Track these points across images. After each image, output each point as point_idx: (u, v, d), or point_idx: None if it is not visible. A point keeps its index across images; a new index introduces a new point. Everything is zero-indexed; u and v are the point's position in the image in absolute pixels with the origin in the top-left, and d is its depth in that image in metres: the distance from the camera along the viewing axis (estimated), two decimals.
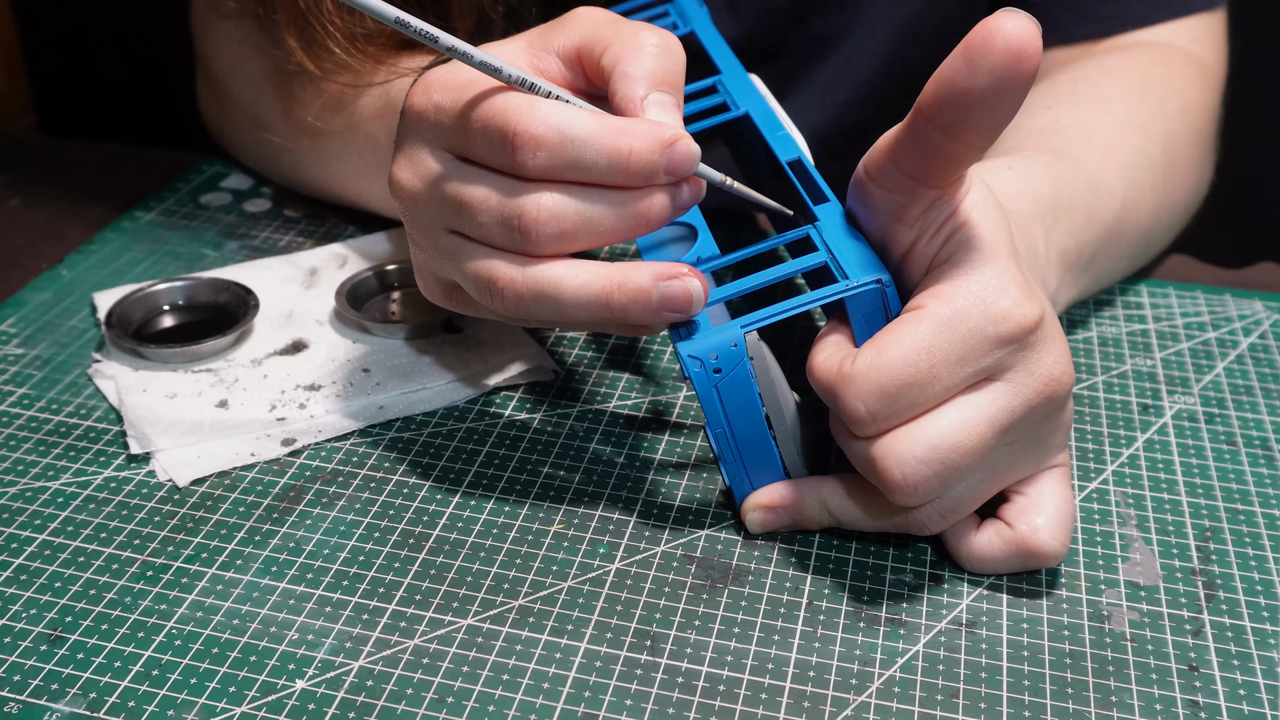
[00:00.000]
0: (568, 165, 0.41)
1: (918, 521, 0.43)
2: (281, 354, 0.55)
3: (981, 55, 0.36)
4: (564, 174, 0.41)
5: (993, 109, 0.37)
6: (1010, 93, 0.37)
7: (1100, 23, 0.66)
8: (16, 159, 0.74)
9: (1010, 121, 0.38)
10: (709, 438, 0.44)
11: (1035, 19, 0.37)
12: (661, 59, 0.42)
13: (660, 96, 0.42)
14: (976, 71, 0.37)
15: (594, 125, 0.40)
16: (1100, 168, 0.55)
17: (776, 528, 0.46)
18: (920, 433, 0.40)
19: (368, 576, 0.44)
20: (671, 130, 0.41)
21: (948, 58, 0.38)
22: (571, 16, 0.45)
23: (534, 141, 0.40)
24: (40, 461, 0.49)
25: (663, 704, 0.40)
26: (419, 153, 0.44)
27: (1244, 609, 0.44)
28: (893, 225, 0.42)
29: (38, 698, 0.39)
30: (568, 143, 0.40)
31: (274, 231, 0.66)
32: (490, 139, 0.41)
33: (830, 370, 0.41)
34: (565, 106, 0.41)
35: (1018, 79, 0.37)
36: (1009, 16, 0.36)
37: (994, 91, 0.37)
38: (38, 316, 0.59)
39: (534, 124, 0.40)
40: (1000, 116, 0.38)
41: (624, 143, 0.40)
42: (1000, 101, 0.37)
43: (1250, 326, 0.60)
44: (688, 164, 0.41)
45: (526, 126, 0.40)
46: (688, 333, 0.43)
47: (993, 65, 0.36)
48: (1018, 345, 0.40)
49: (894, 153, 0.40)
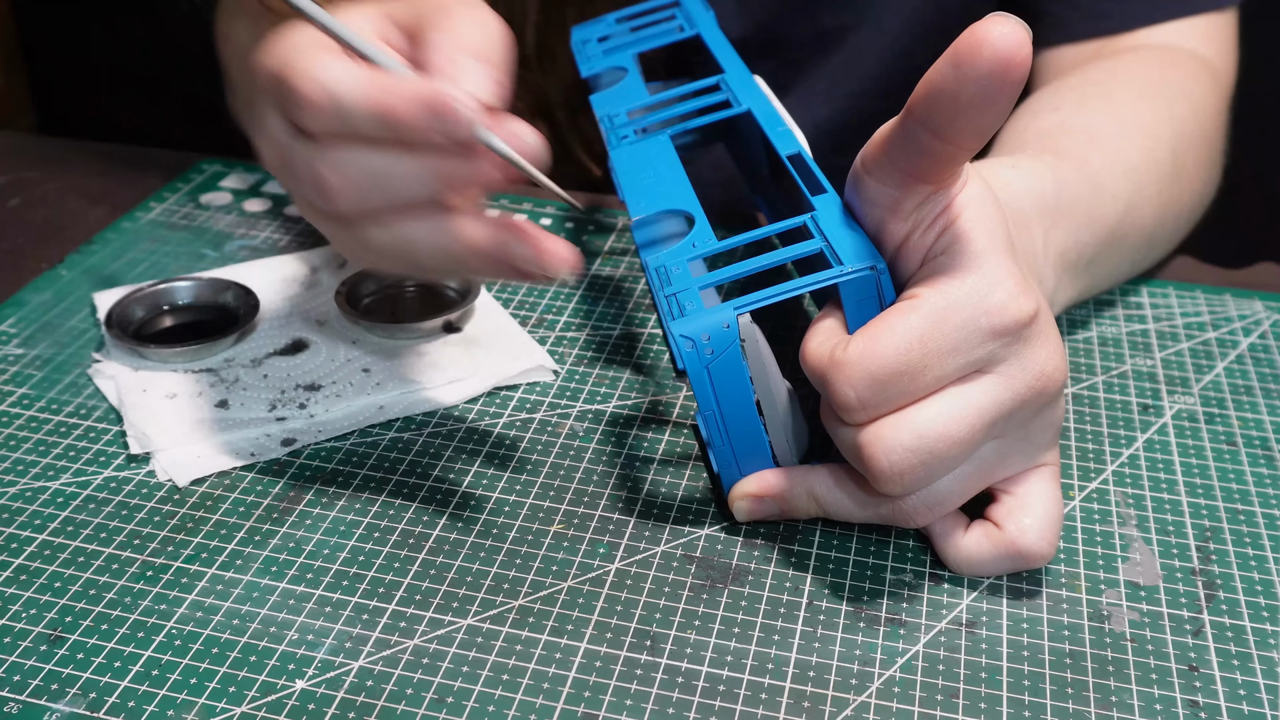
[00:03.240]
0: (343, 125, 0.40)
1: (904, 513, 0.43)
2: (281, 354, 0.55)
3: (969, 62, 0.36)
4: (346, 134, 0.40)
5: (980, 114, 0.37)
6: (998, 100, 0.37)
7: (1106, 21, 0.66)
8: (16, 159, 0.74)
9: (1000, 125, 0.38)
10: (699, 423, 0.44)
11: (1025, 23, 0.36)
12: (471, 30, 0.41)
13: (460, 59, 0.40)
14: (964, 78, 0.36)
15: (362, 85, 0.39)
16: (1104, 169, 0.55)
17: (764, 517, 0.46)
18: (908, 421, 0.40)
19: (368, 576, 0.44)
20: (438, 89, 0.39)
21: (936, 62, 0.37)
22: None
23: (306, 101, 0.39)
24: (40, 461, 0.49)
25: (663, 704, 0.40)
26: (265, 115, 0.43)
27: (1244, 609, 0.44)
28: (887, 218, 0.42)
29: (38, 698, 0.39)
30: (336, 103, 0.39)
31: (274, 231, 0.66)
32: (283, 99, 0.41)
33: (822, 356, 0.41)
34: (345, 66, 0.40)
35: (1005, 86, 0.36)
36: (998, 22, 0.36)
37: (981, 98, 0.37)
38: (38, 316, 0.59)
39: (306, 83, 0.39)
40: (988, 121, 0.38)
41: (387, 100, 0.39)
42: (988, 108, 0.37)
43: (1250, 326, 0.60)
44: (456, 125, 0.38)
45: (298, 85, 0.39)
46: (680, 313, 0.43)
47: (980, 73, 0.36)
48: (1011, 339, 0.40)
49: (888, 148, 0.40)
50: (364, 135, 0.40)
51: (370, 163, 0.40)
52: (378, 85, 0.39)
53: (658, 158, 0.50)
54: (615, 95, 0.55)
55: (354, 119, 0.39)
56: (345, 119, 0.39)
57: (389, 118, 0.39)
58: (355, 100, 0.39)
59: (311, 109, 0.40)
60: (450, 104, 0.38)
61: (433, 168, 0.40)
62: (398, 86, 0.39)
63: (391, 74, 0.40)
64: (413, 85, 0.39)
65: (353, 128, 0.40)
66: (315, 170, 0.41)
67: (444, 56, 0.41)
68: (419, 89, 0.39)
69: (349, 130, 0.40)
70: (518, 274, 0.41)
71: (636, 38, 0.60)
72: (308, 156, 0.41)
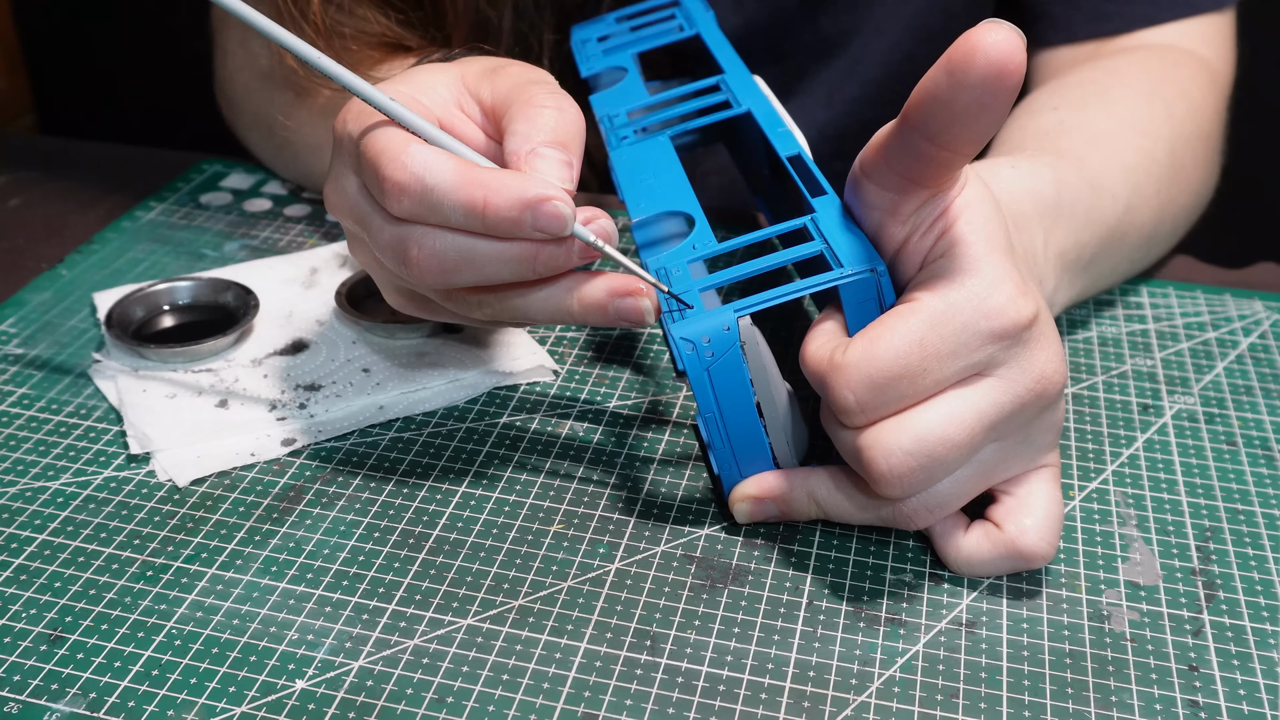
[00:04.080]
0: (430, 212, 0.41)
1: (904, 515, 0.43)
2: (281, 354, 0.55)
3: (963, 70, 0.36)
4: (430, 219, 0.42)
5: (975, 121, 0.37)
6: (993, 107, 0.37)
7: (1107, 22, 0.66)
8: (17, 159, 0.74)
9: (996, 131, 0.38)
10: (699, 425, 0.44)
11: (1019, 29, 0.36)
12: (554, 118, 0.43)
13: (545, 151, 0.42)
14: (958, 86, 0.36)
15: (454, 175, 0.41)
16: (1104, 169, 0.55)
17: (764, 518, 0.46)
18: (908, 424, 0.40)
19: (368, 576, 0.44)
20: (538, 188, 0.40)
21: (931, 69, 0.37)
22: (503, 69, 0.46)
23: (397, 188, 0.41)
24: (40, 461, 0.49)
25: (663, 704, 0.40)
26: (342, 174, 0.45)
27: (1244, 609, 0.44)
28: (886, 221, 0.42)
29: (38, 698, 0.39)
30: (428, 191, 0.41)
31: (274, 231, 0.66)
32: (368, 178, 0.43)
33: (821, 359, 0.41)
34: (436, 154, 0.41)
35: (1000, 93, 0.36)
36: (991, 29, 0.36)
37: (976, 105, 0.37)
38: (38, 316, 0.59)
39: (398, 170, 0.41)
40: (984, 128, 0.38)
41: (479, 195, 0.40)
42: (982, 115, 0.37)
43: (1250, 326, 0.60)
44: (557, 224, 0.40)
45: (391, 172, 0.41)
46: (681, 315, 0.43)
47: (974, 81, 0.36)
48: (1010, 341, 0.40)
49: (885, 153, 0.40)
50: (451, 224, 0.41)
51: (457, 243, 0.42)
52: (471, 179, 0.41)
53: (658, 159, 0.50)
54: (615, 95, 0.55)
55: (444, 209, 0.41)
56: (436, 207, 0.41)
57: (485, 213, 0.40)
58: (447, 190, 0.41)
59: (406, 195, 0.41)
60: (549, 204, 0.40)
61: (520, 254, 0.41)
62: (493, 182, 0.40)
63: (484, 169, 0.41)
64: (511, 183, 0.40)
65: (442, 218, 0.41)
66: (402, 244, 0.42)
67: (527, 145, 0.42)
68: (516, 185, 0.40)
69: (438, 217, 0.41)
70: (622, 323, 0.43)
71: (636, 37, 0.60)
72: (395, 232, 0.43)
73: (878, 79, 0.73)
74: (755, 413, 0.44)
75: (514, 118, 0.43)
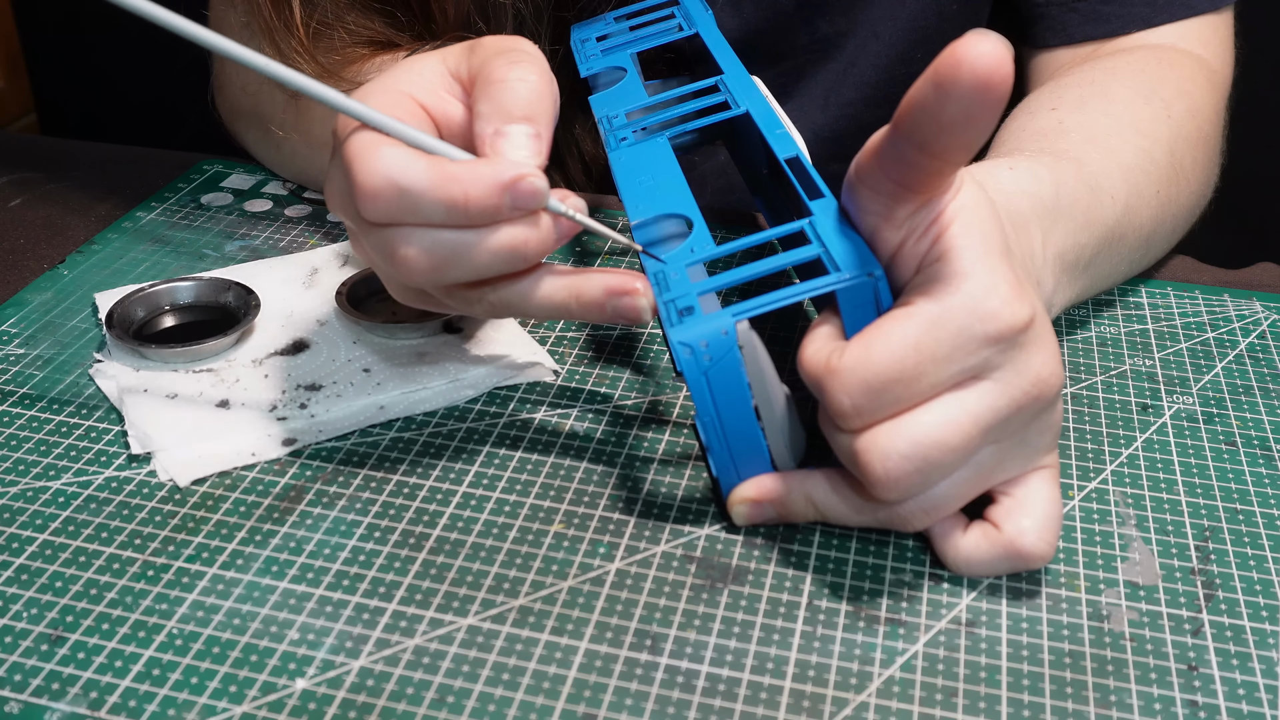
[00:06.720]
0: (408, 213, 0.42)
1: (901, 517, 0.43)
2: (282, 354, 0.55)
3: (949, 82, 0.36)
4: (411, 220, 0.42)
5: (962, 131, 0.37)
6: (979, 118, 0.37)
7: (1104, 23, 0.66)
8: (17, 159, 0.74)
9: (985, 140, 0.38)
10: (697, 428, 0.44)
11: (1006, 41, 0.36)
12: (513, 91, 0.43)
13: (508, 129, 0.42)
14: (945, 97, 0.36)
15: (429, 175, 0.41)
16: (1102, 170, 0.55)
17: (762, 521, 0.46)
18: (904, 428, 0.40)
19: (368, 576, 0.44)
20: (511, 169, 0.41)
21: (918, 80, 0.37)
22: (479, 45, 0.46)
23: (371, 194, 0.41)
24: (41, 461, 0.49)
25: (663, 704, 0.40)
26: (335, 175, 0.45)
27: (1243, 609, 0.44)
28: (881, 225, 0.42)
29: (38, 697, 0.40)
30: (404, 194, 0.41)
31: (274, 231, 0.66)
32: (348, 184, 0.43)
33: (818, 363, 0.41)
34: (408, 155, 0.41)
35: (987, 105, 0.36)
36: (977, 41, 0.36)
37: (963, 116, 0.37)
38: (39, 316, 0.59)
39: (370, 176, 0.41)
40: (971, 138, 0.38)
41: (458, 190, 0.41)
42: (969, 125, 0.37)
43: (1249, 327, 0.60)
44: (532, 200, 0.41)
45: (363, 179, 0.42)
46: (679, 319, 0.43)
47: (960, 92, 0.36)
48: (1006, 344, 0.40)
49: (878, 159, 0.40)
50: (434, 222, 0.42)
51: (442, 239, 0.42)
52: (446, 176, 0.41)
53: (656, 161, 0.50)
54: (614, 96, 0.55)
55: (424, 209, 0.41)
56: (414, 208, 0.41)
57: (467, 207, 0.41)
58: (424, 191, 0.41)
59: (380, 200, 0.42)
60: (524, 182, 0.41)
61: (508, 244, 0.42)
62: (467, 175, 0.41)
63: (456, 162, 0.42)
64: (484, 171, 0.41)
65: (424, 217, 0.42)
66: (389, 245, 0.43)
67: (491, 127, 0.43)
68: (491, 172, 0.41)
69: (418, 217, 0.42)
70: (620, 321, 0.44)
71: (635, 37, 0.60)
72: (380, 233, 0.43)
73: (874, 82, 0.73)
74: (753, 416, 0.44)
75: (478, 98, 0.44)
